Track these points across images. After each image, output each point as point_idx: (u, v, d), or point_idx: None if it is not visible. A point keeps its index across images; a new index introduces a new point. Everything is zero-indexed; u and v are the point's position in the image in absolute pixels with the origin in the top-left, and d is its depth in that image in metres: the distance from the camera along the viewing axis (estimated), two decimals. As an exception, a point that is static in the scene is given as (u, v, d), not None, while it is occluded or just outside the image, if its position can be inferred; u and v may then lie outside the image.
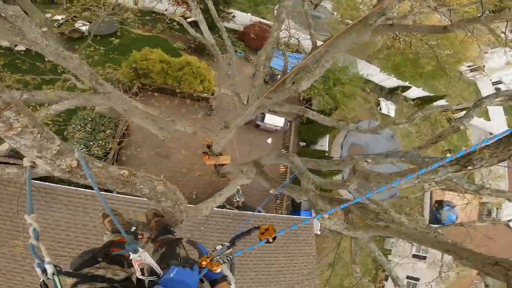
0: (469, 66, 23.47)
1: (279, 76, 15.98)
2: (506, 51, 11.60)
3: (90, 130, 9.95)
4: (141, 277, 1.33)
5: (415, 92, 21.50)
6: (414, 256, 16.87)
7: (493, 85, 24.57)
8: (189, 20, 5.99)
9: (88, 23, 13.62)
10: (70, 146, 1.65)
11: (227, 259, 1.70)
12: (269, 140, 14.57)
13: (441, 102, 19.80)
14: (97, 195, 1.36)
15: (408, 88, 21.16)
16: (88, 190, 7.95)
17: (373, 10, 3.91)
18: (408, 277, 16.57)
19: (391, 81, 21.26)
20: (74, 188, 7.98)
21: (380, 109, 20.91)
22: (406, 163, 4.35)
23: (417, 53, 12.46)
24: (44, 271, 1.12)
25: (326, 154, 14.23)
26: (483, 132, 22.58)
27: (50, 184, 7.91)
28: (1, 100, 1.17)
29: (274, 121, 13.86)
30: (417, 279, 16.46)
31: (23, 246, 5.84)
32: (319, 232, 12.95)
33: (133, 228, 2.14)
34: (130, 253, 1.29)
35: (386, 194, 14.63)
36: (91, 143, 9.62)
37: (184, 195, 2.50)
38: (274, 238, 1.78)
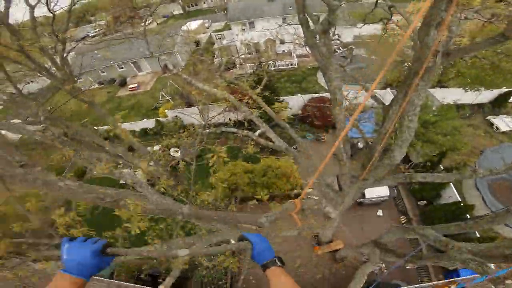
0: None
1: (358, 143, 15.33)
2: None
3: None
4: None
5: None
6: None
7: None
8: (257, 133, 6.67)
9: (178, 149, 14.72)
10: None
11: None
12: (380, 212, 12.71)
13: None
14: None
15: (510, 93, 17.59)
16: None
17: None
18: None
19: (484, 95, 17.94)
20: None
21: (496, 128, 16.88)
22: None
23: (492, 62, 10.46)
24: None
25: (462, 204, 11.17)
26: None
27: None
28: None
29: (377, 192, 12.35)
30: None
31: None
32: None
33: None
34: None
35: None
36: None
37: None
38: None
